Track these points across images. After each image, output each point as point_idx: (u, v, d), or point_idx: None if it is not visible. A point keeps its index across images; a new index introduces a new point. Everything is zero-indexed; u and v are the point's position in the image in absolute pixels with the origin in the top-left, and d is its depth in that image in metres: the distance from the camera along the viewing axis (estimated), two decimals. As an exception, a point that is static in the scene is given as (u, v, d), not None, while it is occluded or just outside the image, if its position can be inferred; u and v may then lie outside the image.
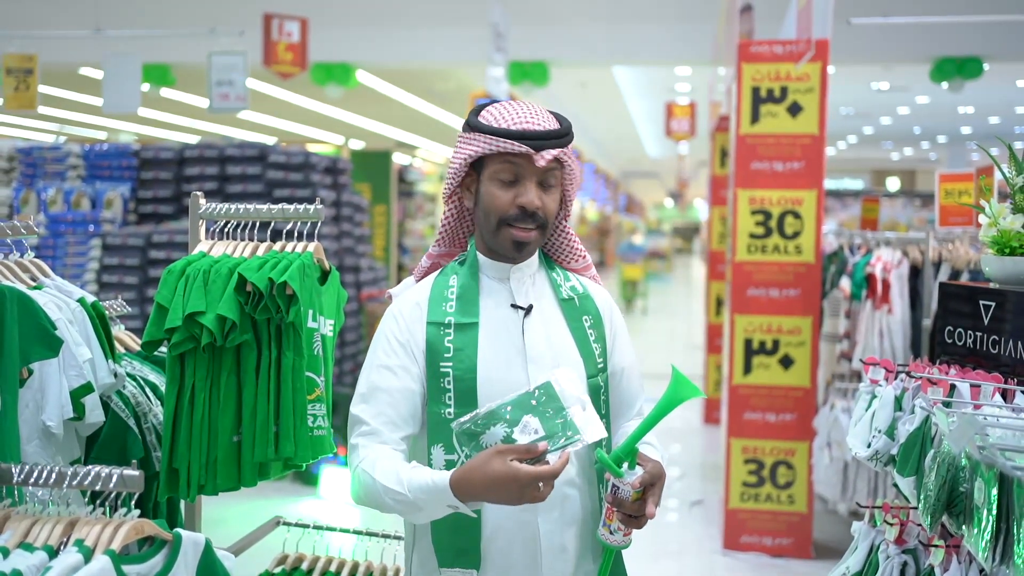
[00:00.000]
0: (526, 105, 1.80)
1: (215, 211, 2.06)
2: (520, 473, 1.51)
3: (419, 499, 1.60)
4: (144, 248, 5.87)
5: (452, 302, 1.79)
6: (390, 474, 1.63)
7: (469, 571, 1.73)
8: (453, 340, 1.75)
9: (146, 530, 1.46)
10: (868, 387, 2.31)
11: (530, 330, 1.79)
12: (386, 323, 1.80)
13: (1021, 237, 2.13)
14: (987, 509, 1.54)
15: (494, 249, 1.81)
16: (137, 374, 2.11)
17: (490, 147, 1.73)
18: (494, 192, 1.76)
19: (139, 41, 8.44)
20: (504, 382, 1.72)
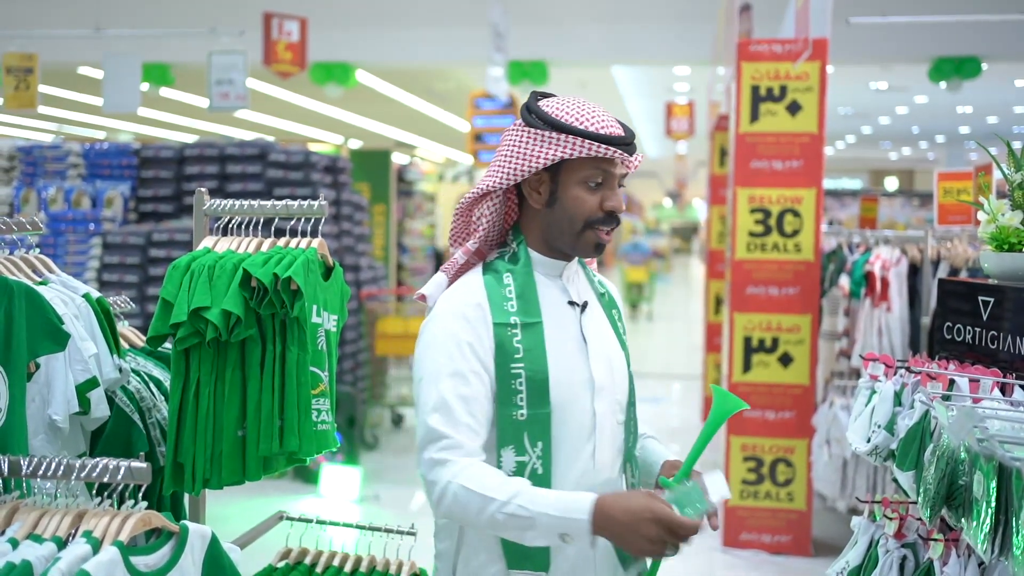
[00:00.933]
0: (591, 104, 1.77)
1: (219, 207, 2.08)
2: (657, 508, 1.52)
3: (541, 516, 1.55)
4: (144, 247, 5.88)
5: (512, 301, 1.74)
6: (507, 490, 1.57)
7: (539, 573, 1.71)
8: (521, 340, 1.72)
9: (154, 522, 1.47)
10: (868, 383, 2.33)
11: (587, 326, 1.80)
12: (446, 325, 1.71)
13: (1019, 233, 2.15)
14: (986, 502, 1.56)
15: (564, 249, 1.79)
16: (141, 370, 2.12)
17: (583, 151, 1.70)
18: (581, 195, 1.73)
19: (139, 41, 8.46)
20: (571, 381, 1.73)
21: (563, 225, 1.75)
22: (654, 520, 1.52)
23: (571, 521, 1.53)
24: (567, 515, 1.54)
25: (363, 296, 7.08)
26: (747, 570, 4.70)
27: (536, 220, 1.79)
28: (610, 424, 1.79)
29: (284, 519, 2.34)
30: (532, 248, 1.80)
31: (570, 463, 1.72)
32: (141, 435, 2.00)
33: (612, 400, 1.80)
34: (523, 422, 1.68)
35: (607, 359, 1.80)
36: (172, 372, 1.93)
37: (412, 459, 6.82)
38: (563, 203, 1.74)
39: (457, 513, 1.62)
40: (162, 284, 1.93)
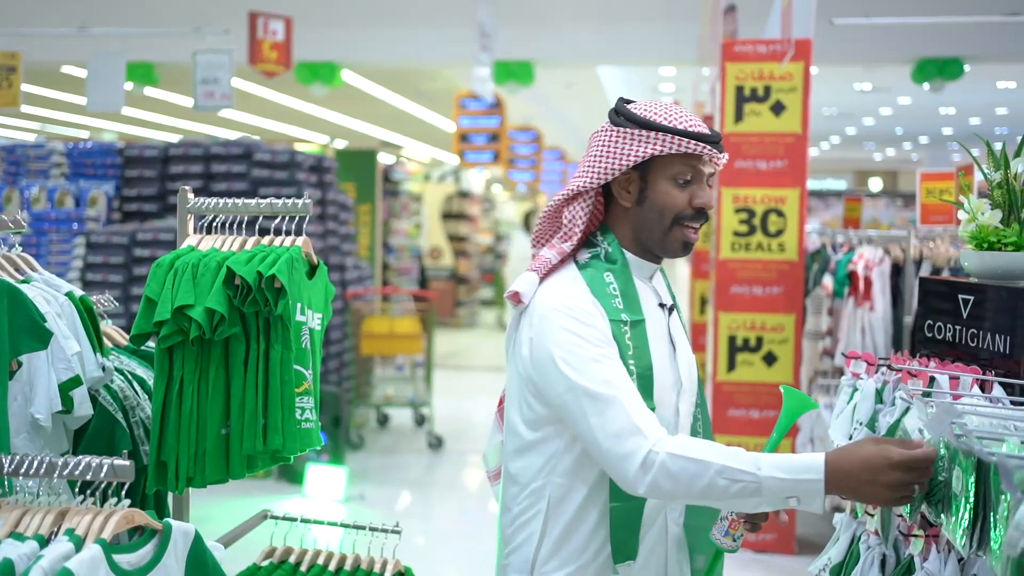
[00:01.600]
0: (677, 106, 1.81)
1: (203, 206, 2.07)
2: (892, 453, 1.50)
3: (769, 479, 1.52)
4: (129, 246, 5.86)
5: (618, 299, 1.77)
6: (723, 453, 1.56)
7: (629, 563, 1.77)
8: (631, 337, 1.75)
9: (136, 520, 1.47)
10: (850, 380, 2.34)
11: (674, 328, 1.87)
12: (574, 314, 1.72)
13: (999, 232, 2.17)
14: (964, 497, 1.57)
15: (653, 248, 1.83)
16: (125, 368, 2.12)
17: (672, 147, 1.73)
18: (671, 192, 1.77)
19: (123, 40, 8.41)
20: (664, 380, 1.79)
21: (652, 222, 1.79)
22: (892, 466, 1.51)
23: (804, 482, 1.53)
24: (799, 476, 1.53)
25: (349, 296, 7.07)
26: (732, 568, 4.70)
27: (626, 219, 1.83)
28: (688, 424, 1.88)
29: (268, 518, 2.34)
30: (625, 248, 1.83)
31: None
32: (124, 434, 2.00)
33: (691, 401, 1.89)
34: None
35: (688, 361, 1.88)
36: (155, 370, 1.92)
37: (397, 459, 6.82)
38: (652, 200, 1.78)
39: (666, 487, 1.58)
40: (146, 283, 1.93)
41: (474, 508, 5.94)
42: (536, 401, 1.79)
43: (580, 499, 1.79)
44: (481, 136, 13.11)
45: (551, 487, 1.80)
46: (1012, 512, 1.10)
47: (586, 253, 1.85)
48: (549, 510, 1.80)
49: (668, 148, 1.74)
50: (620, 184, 1.80)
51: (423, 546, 5.14)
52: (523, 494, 1.84)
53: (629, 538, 1.76)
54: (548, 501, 1.80)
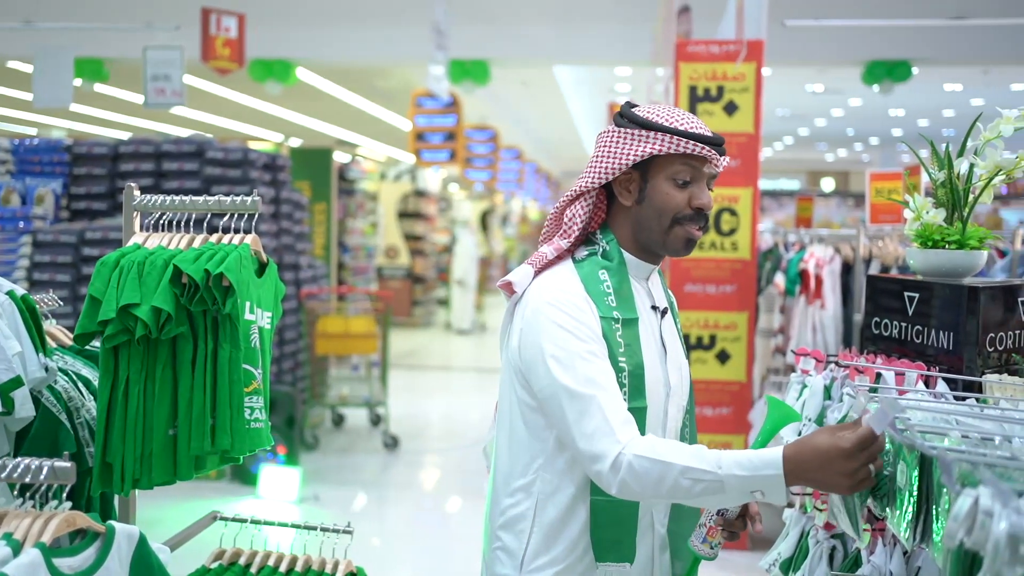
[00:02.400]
0: (681, 110, 1.82)
1: (149, 203, 2.04)
2: (843, 441, 1.53)
3: (730, 477, 1.55)
4: (77, 245, 5.75)
5: (611, 296, 1.78)
6: (686, 454, 1.58)
7: (623, 564, 1.77)
8: (623, 335, 1.76)
9: (78, 522, 1.44)
10: (799, 377, 2.37)
11: (665, 331, 1.88)
12: (568, 308, 1.73)
13: (942, 230, 2.21)
14: (908, 491, 1.59)
15: (654, 248, 1.83)
16: (69, 369, 2.08)
17: (673, 147, 1.74)
18: (670, 192, 1.78)
19: (71, 34, 8.25)
20: (658, 381, 1.81)
21: (652, 222, 1.80)
22: (846, 455, 1.53)
23: (764, 478, 1.55)
24: (759, 472, 1.55)
25: (303, 295, 7.01)
26: (686, 565, 4.75)
27: (627, 219, 1.84)
28: (675, 428, 1.90)
29: (218, 519, 2.31)
30: (624, 248, 1.85)
31: None
32: (68, 435, 1.96)
33: (680, 404, 1.90)
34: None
35: (678, 365, 1.89)
36: (100, 370, 1.89)
37: (352, 459, 6.78)
38: (652, 199, 1.79)
39: (635, 487, 1.60)
40: (90, 281, 1.89)
41: (430, 508, 5.93)
42: (525, 392, 1.80)
43: (568, 498, 1.80)
44: (437, 135, 13.08)
45: (540, 483, 1.81)
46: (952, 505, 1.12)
47: (584, 250, 1.86)
48: (538, 507, 1.81)
49: (667, 148, 1.75)
50: (621, 183, 1.82)
51: (378, 547, 5.11)
52: (512, 489, 1.84)
53: (624, 539, 1.77)
54: (537, 498, 1.81)
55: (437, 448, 7.29)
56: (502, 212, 25.11)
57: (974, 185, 2.19)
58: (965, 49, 9.67)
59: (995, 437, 1.48)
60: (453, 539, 5.32)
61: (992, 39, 9.50)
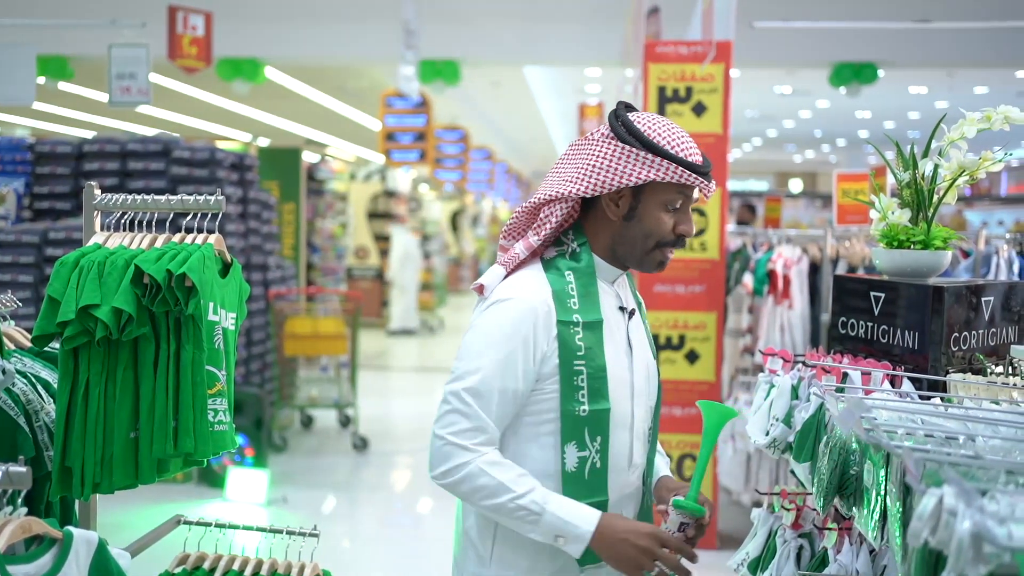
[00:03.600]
0: (677, 126, 1.82)
1: (111, 202, 2.00)
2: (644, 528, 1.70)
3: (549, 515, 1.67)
4: (40, 245, 5.66)
5: (575, 299, 1.79)
6: (521, 482, 1.69)
7: (601, 565, 1.79)
8: (583, 338, 1.76)
9: (34, 528, 1.41)
10: (767, 377, 2.38)
11: (632, 333, 1.88)
12: (512, 314, 1.75)
13: (908, 231, 2.22)
14: (875, 490, 1.60)
15: (628, 263, 1.86)
16: (28, 371, 2.04)
17: (673, 176, 1.75)
18: (661, 217, 1.80)
19: (34, 31, 8.13)
20: (622, 381, 1.82)
21: (636, 241, 1.82)
22: (649, 534, 1.67)
23: (575, 527, 1.67)
24: (574, 521, 1.67)
25: (271, 296, 6.95)
26: (655, 564, 4.76)
27: (608, 230, 1.84)
28: (643, 428, 1.90)
29: (182, 523, 2.27)
30: (596, 253, 1.85)
31: (616, 461, 1.82)
32: (27, 439, 1.92)
33: (647, 406, 1.91)
34: (584, 418, 1.75)
35: (645, 366, 1.90)
36: (59, 372, 1.85)
37: (322, 461, 6.73)
38: (642, 221, 1.80)
39: (466, 492, 1.71)
40: (48, 282, 1.86)
41: (400, 510, 5.90)
42: None
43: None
44: (407, 135, 13.04)
45: None
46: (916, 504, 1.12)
47: (553, 250, 1.86)
48: None
49: (669, 176, 1.75)
50: (610, 197, 1.80)
51: (348, 549, 5.07)
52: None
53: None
54: None
55: (407, 449, 7.25)
56: (472, 213, 25.08)
57: (938, 186, 2.21)
58: (929, 52, 9.80)
59: (959, 436, 1.49)
60: (424, 540, 5.30)
61: (956, 42, 9.63)
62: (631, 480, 1.87)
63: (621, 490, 1.85)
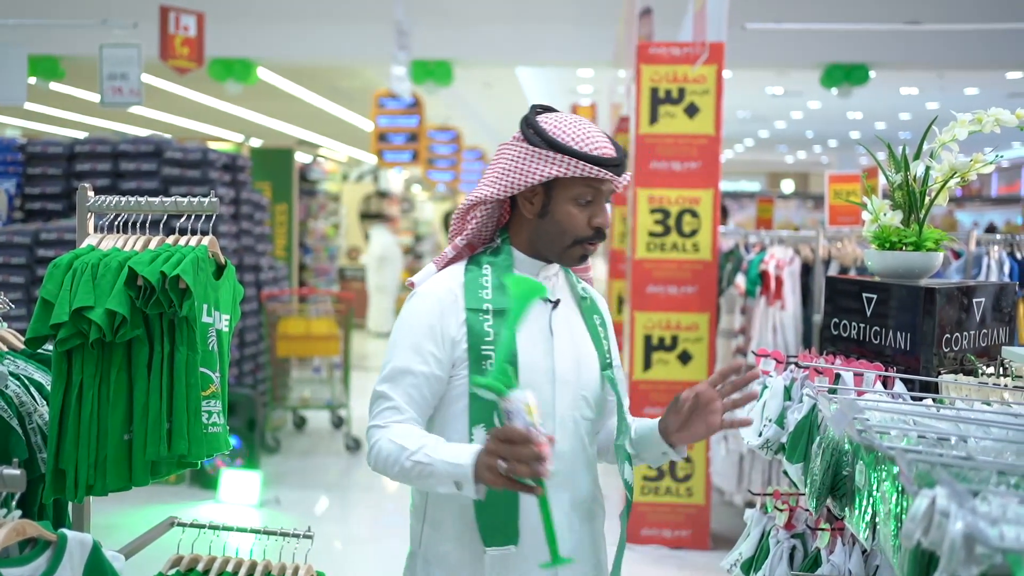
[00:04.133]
0: (586, 122, 1.87)
1: (104, 204, 2.00)
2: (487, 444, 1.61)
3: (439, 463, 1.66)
4: (31, 246, 5.65)
5: (488, 290, 1.87)
6: (415, 440, 1.72)
7: (508, 548, 1.81)
8: (493, 325, 1.83)
9: (28, 531, 1.41)
10: (760, 378, 2.38)
11: (556, 321, 1.91)
12: (418, 305, 1.87)
13: (900, 232, 2.24)
14: (867, 491, 1.61)
15: (550, 258, 1.91)
16: (21, 373, 2.03)
17: (576, 171, 1.80)
18: (573, 212, 1.85)
19: (25, 31, 8.10)
20: (536, 367, 1.84)
21: (552, 237, 1.88)
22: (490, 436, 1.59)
23: (460, 466, 1.63)
24: (457, 460, 1.64)
25: (264, 297, 6.94)
26: (648, 565, 4.77)
27: (526, 227, 1.92)
28: (572, 417, 1.90)
29: (176, 525, 2.27)
30: (516, 247, 1.93)
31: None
32: (20, 441, 1.92)
33: (576, 395, 1.90)
34: (491, 401, 1.74)
35: (575, 356, 1.91)
36: (53, 374, 1.85)
37: (314, 462, 6.72)
38: (554, 217, 1.86)
39: (380, 466, 1.78)
40: (42, 283, 1.85)
41: (392, 511, 5.89)
42: None
43: None
44: (400, 136, 13.02)
45: None
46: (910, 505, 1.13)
47: (482, 248, 1.96)
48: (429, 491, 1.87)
49: (572, 171, 1.80)
50: (525, 196, 1.88)
51: (340, 550, 5.07)
52: None
53: (507, 522, 1.81)
54: None
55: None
56: (465, 213, 25.04)
57: (930, 187, 2.22)
58: (920, 53, 9.83)
59: (951, 437, 1.50)
60: (416, 542, 5.30)
61: (946, 44, 9.66)
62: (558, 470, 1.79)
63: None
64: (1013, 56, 9.89)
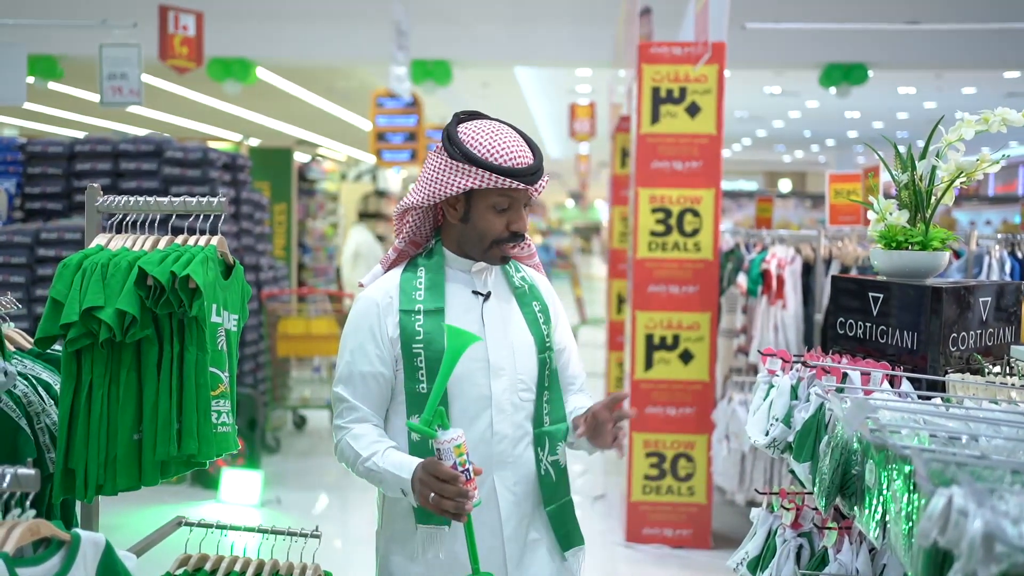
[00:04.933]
0: (506, 131, 2.00)
1: (113, 204, 2.00)
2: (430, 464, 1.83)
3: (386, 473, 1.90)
4: (32, 246, 5.64)
5: (421, 291, 2.03)
6: (369, 448, 1.94)
7: (441, 527, 1.98)
8: (423, 324, 1.99)
9: (42, 531, 1.41)
10: (766, 377, 2.39)
11: (488, 313, 2.06)
12: (359, 309, 2.05)
13: (906, 232, 2.24)
14: (877, 490, 1.61)
15: (475, 258, 2.05)
16: (29, 373, 2.03)
17: (491, 183, 1.94)
18: (490, 219, 2.00)
19: (25, 30, 8.09)
20: (470, 356, 1.94)
21: (474, 241, 2.03)
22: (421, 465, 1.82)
23: (401, 479, 1.87)
24: (400, 473, 1.87)
25: (264, 296, 6.94)
26: (649, 564, 4.78)
27: (454, 230, 2.07)
28: (510, 400, 2.04)
29: (183, 525, 2.27)
30: (447, 248, 2.08)
31: (468, 432, 1.95)
32: (29, 441, 1.92)
33: (513, 380, 2.05)
34: (424, 394, 1.96)
35: (509, 344, 2.05)
36: (62, 374, 1.85)
37: (315, 462, 6.72)
38: (474, 222, 2.02)
39: (343, 463, 2.01)
40: (51, 283, 1.85)
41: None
42: None
43: None
44: (398, 135, 13.01)
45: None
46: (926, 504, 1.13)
47: (420, 251, 2.13)
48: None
49: (485, 184, 1.94)
50: (448, 203, 2.04)
51: (340, 549, 5.07)
52: None
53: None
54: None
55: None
56: (463, 213, 25.04)
57: (936, 187, 2.23)
58: (919, 53, 9.84)
59: (962, 436, 1.50)
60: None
61: (945, 44, 9.68)
62: (501, 450, 2.02)
63: (486, 461, 2.00)
64: (1012, 56, 9.91)
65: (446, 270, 2.07)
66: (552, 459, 2.08)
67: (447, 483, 1.76)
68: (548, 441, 2.08)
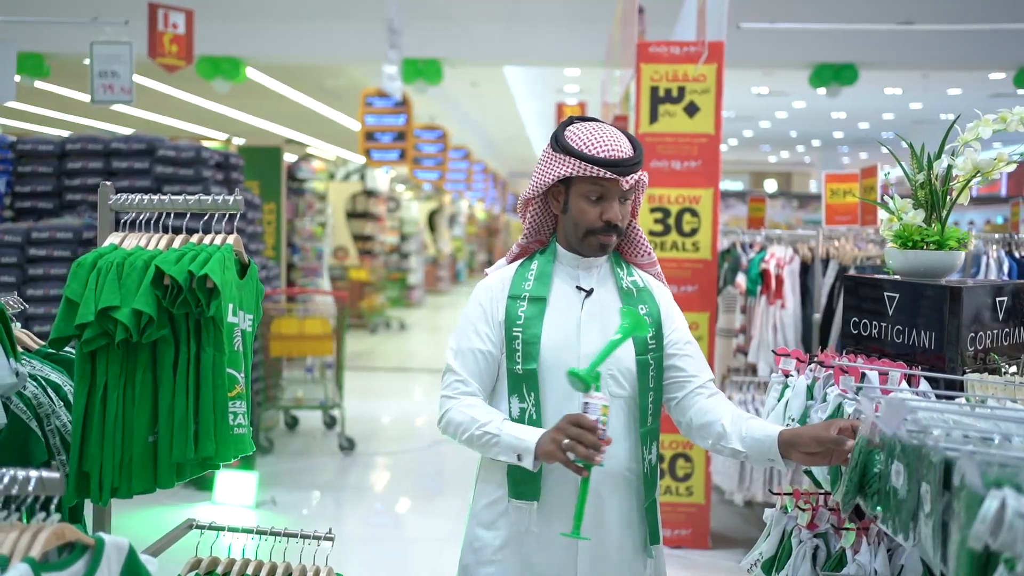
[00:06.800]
0: (607, 128, 2.11)
1: (127, 202, 1.97)
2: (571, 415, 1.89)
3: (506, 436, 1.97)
4: (23, 245, 5.57)
5: (530, 281, 2.16)
6: (486, 415, 2.03)
7: (532, 502, 2.07)
8: (525, 310, 2.12)
9: (67, 535, 1.38)
10: (779, 378, 2.38)
11: (587, 308, 2.14)
12: (477, 292, 2.20)
13: (922, 231, 2.23)
14: (905, 490, 1.60)
15: (577, 249, 2.16)
16: (39, 374, 2.00)
17: (580, 171, 2.06)
18: (583, 207, 2.10)
19: (15, 28, 8.01)
20: (559, 347, 2.08)
21: (571, 229, 2.15)
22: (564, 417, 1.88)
23: (525, 441, 1.95)
24: (524, 437, 1.96)
25: (256, 296, 6.89)
26: (649, 564, 4.76)
27: (561, 224, 2.20)
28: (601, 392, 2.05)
29: (194, 527, 2.24)
30: (560, 243, 2.21)
31: (555, 415, 2.02)
32: (39, 443, 1.89)
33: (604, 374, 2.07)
34: (520, 375, 2.09)
35: (603, 340, 2.09)
36: (76, 375, 1.82)
37: (308, 462, 6.69)
38: (571, 212, 2.14)
39: (450, 430, 2.09)
40: (65, 283, 1.82)
41: (385, 511, 5.87)
42: None
43: None
44: (387, 135, 12.99)
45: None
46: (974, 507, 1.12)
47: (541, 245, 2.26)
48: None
49: (576, 171, 2.06)
50: (552, 195, 2.18)
51: (334, 550, 5.03)
52: None
53: (532, 480, 2.05)
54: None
55: (392, 450, 7.21)
56: (450, 212, 25.03)
57: (951, 186, 2.23)
58: (910, 54, 9.89)
59: (994, 436, 1.49)
60: (409, 542, 5.27)
61: (935, 45, 9.73)
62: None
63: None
64: (1000, 57, 9.97)
65: (555, 264, 2.19)
66: (650, 457, 2.16)
67: (588, 431, 1.83)
68: (651, 440, 2.15)
